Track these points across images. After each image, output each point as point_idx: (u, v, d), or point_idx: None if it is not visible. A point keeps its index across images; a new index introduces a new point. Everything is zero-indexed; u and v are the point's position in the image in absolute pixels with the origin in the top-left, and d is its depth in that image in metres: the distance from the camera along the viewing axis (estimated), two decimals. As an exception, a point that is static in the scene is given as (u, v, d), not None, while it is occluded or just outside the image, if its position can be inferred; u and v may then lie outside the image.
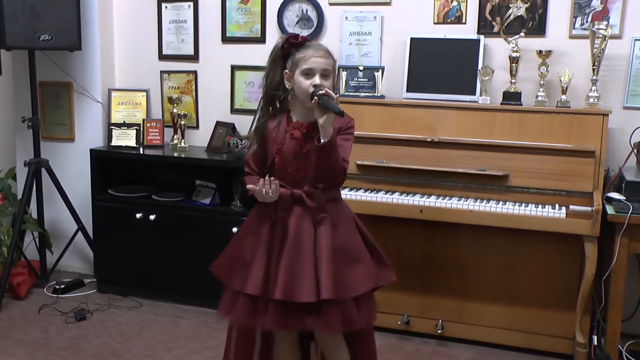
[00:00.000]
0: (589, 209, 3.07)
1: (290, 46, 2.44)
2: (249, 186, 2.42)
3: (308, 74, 2.39)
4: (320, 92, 2.31)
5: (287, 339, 2.60)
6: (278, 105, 2.48)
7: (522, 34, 3.55)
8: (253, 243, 2.47)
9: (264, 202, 2.42)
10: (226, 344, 2.73)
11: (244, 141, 3.86)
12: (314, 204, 2.42)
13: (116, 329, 3.71)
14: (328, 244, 2.39)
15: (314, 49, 2.42)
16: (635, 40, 3.49)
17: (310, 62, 2.39)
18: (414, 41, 3.79)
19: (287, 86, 2.47)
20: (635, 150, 3.37)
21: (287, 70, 2.45)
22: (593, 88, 3.43)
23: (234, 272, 2.49)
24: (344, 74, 3.80)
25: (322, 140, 2.32)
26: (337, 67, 2.53)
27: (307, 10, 4.06)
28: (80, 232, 4.32)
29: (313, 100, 2.31)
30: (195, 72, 4.38)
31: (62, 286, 4.19)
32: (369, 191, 3.46)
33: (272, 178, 2.38)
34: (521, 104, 3.52)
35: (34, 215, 4.33)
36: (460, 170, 3.38)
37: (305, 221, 2.41)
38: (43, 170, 4.25)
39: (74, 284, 4.28)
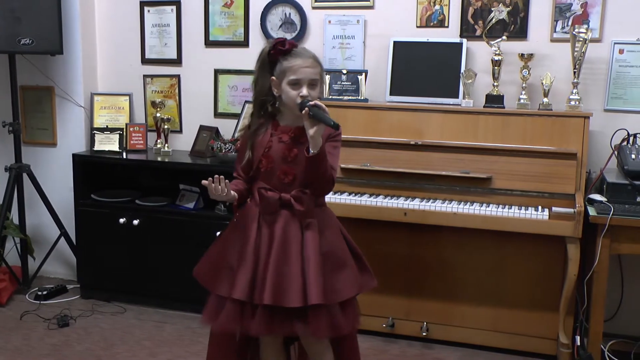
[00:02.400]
0: (572, 210, 3.10)
1: (277, 52, 2.42)
2: (203, 182, 2.37)
3: (295, 84, 2.37)
4: (310, 103, 2.30)
5: (273, 343, 2.60)
6: (269, 110, 2.48)
7: (504, 37, 3.58)
8: (239, 247, 2.45)
9: (217, 200, 2.43)
10: (209, 350, 2.71)
11: (227, 145, 3.85)
12: (302, 209, 2.41)
13: (100, 335, 3.68)
14: (316, 249, 2.38)
15: (302, 59, 2.39)
16: (615, 43, 3.54)
17: (298, 73, 2.37)
18: (397, 44, 3.81)
19: (274, 93, 2.46)
20: (616, 152, 3.41)
21: (274, 77, 2.43)
22: (574, 91, 3.47)
23: (218, 277, 2.47)
24: (327, 78, 3.80)
25: (311, 151, 2.31)
26: (324, 73, 2.51)
27: (290, 13, 4.06)
28: (62, 238, 4.29)
29: (303, 112, 2.29)
30: (178, 76, 4.37)
31: (45, 292, 4.15)
32: (353, 194, 3.46)
33: (221, 177, 2.36)
34: (504, 107, 3.55)
35: (16, 220, 4.29)
36: (444, 173, 3.40)
37: (292, 226, 2.41)
38: (25, 175, 4.22)
39: (56, 290, 4.24)
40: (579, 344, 3.27)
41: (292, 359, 2.78)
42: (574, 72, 3.46)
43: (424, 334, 3.53)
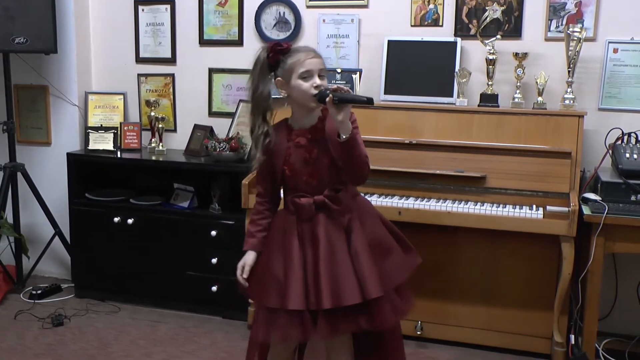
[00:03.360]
0: (566, 209, 3.10)
1: (276, 54, 2.38)
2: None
3: (306, 76, 2.34)
4: (332, 87, 2.28)
5: (284, 351, 2.55)
6: (268, 115, 2.44)
7: (498, 36, 3.58)
8: (282, 258, 2.39)
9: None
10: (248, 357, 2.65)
11: (222, 144, 3.84)
12: (339, 207, 2.38)
13: (94, 334, 3.67)
14: (363, 242, 2.37)
15: (305, 52, 2.37)
16: (609, 42, 3.54)
17: (307, 64, 2.33)
18: (392, 44, 3.81)
19: (280, 94, 2.42)
20: (610, 151, 3.41)
21: (279, 78, 2.39)
22: (568, 90, 3.47)
23: (267, 290, 2.39)
24: (322, 77, 3.79)
25: (343, 137, 2.26)
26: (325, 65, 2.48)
27: (284, 13, 4.06)
28: (57, 237, 4.28)
29: (327, 100, 2.25)
30: (172, 75, 4.36)
31: (39, 292, 4.14)
32: (348, 193, 3.45)
33: (242, 276, 2.47)
34: (498, 106, 3.55)
35: (10, 220, 4.28)
36: (438, 172, 3.40)
37: (333, 226, 2.38)
38: (19, 174, 4.21)
39: (50, 289, 4.23)
40: (573, 342, 3.27)
41: None
42: (569, 71, 3.46)
43: (418, 332, 3.53)
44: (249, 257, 2.49)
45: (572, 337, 3.29)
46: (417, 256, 2.57)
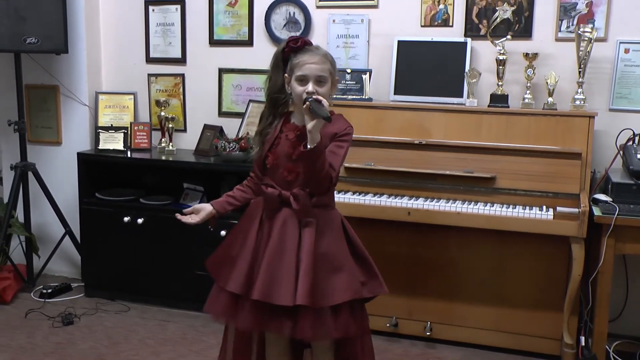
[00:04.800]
0: (576, 210, 3.09)
1: (290, 50, 2.42)
2: (177, 215, 2.61)
3: (302, 80, 2.37)
4: (313, 97, 2.29)
5: (277, 342, 2.58)
6: (280, 108, 2.49)
7: (508, 36, 3.57)
8: (241, 241, 2.48)
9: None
10: (222, 345, 2.72)
11: (231, 144, 3.85)
12: (297, 207, 2.40)
13: (103, 333, 3.68)
14: (310, 249, 2.36)
15: (309, 55, 2.39)
16: (620, 43, 3.52)
17: (304, 69, 2.36)
18: (401, 44, 3.80)
19: (287, 90, 2.46)
20: (621, 152, 3.39)
21: (286, 75, 2.44)
22: (579, 90, 3.45)
23: (222, 268, 2.51)
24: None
25: (308, 146, 2.28)
26: (336, 71, 2.47)
27: (294, 13, 4.06)
28: (67, 236, 4.30)
29: (304, 106, 2.29)
30: (182, 75, 4.37)
31: (49, 290, 4.16)
32: (357, 194, 3.46)
33: (185, 211, 2.58)
34: (508, 106, 3.54)
35: (21, 219, 4.30)
36: (447, 172, 3.39)
37: (290, 224, 2.40)
38: (30, 173, 4.23)
39: (60, 288, 4.25)
40: (583, 344, 3.25)
41: None
42: (579, 72, 3.45)
43: (427, 333, 3.53)
44: (202, 204, 2.63)
45: (582, 338, 3.28)
46: (382, 286, 2.52)
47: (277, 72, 2.47)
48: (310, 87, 2.35)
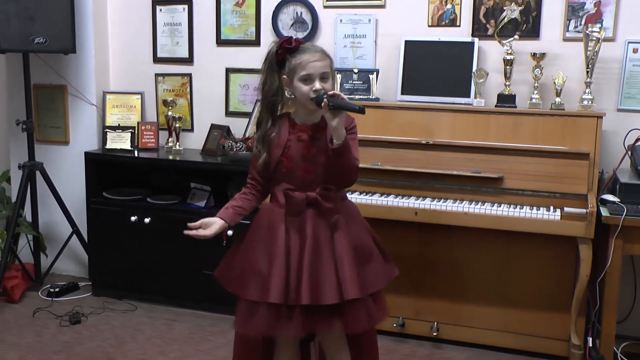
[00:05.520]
0: (584, 211, 3.07)
1: (284, 52, 2.40)
2: (185, 232, 2.49)
3: (307, 79, 2.36)
4: (329, 93, 2.29)
5: (292, 344, 2.57)
6: (278, 110, 2.48)
7: (516, 36, 3.56)
8: (266, 251, 2.40)
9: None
10: (234, 351, 2.69)
11: (238, 144, 3.85)
12: (331, 205, 2.41)
13: (111, 333, 3.69)
14: (347, 244, 2.40)
15: (309, 53, 2.38)
16: (629, 42, 3.51)
17: (308, 68, 2.35)
18: (409, 44, 3.80)
19: (286, 92, 2.45)
20: (629, 152, 3.38)
21: (285, 77, 2.42)
22: (587, 90, 3.44)
23: (247, 282, 2.41)
24: (338, 77, 3.79)
25: (335, 143, 2.30)
26: (334, 66, 2.50)
27: (301, 12, 4.06)
28: (74, 235, 4.31)
29: (322, 104, 2.28)
30: (190, 75, 4.38)
31: (57, 289, 4.18)
32: (364, 194, 3.45)
33: (196, 224, 2.45)
34: (515, 107, 3.53)
35: (29, 218, 4.32)
36: (454, 172, 3.38)
37: (320, 224, 2.40)
38: (37, 173, 4.24)
39: (68, 287, 4.27)
40: (591, 345, 3.24)
41: (312, 358, 2.77)
42: (587, 72, 3.43)
43: (434, 333, 3.52)
44: (211, 218, 2.49)
45: (590, 339, 3.27)
46: (395, 267, 2.61)
47: (272, 75, 2.43)
48: (317, 84, 2.35)
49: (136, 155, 4.19)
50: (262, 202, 2.58)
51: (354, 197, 3.40)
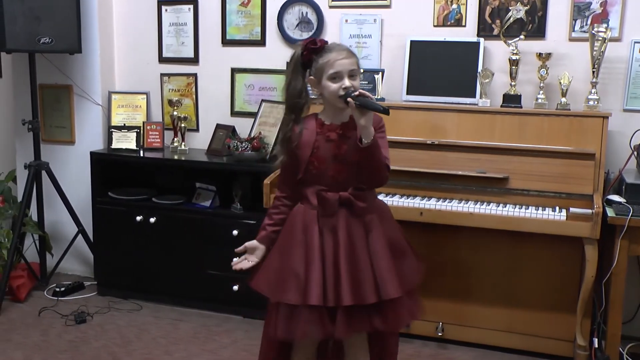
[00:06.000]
0: (589, 211, 3.07)
1: (309, 52, 2.40)
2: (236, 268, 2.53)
3: (335, 77, 2.36)
4: (355, 93, 2.29)
5: (311, 346, 2.56)
6: (301, 112, 2.46)
7: (521, 36, 3.55)
8: (301, 253, 2.39)
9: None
10: (261, 352, 2.68)
11: (244, 144, 3.86)
12: (365, 205, 2.41)
13: (116, 332, 3.70)
14: (382, 242, 2.40)
15: (336, 52, 2.38)
16: (635, 42, 3.50)
17: (336, 66, 2.35)
18: (414, 44, 3.79)
19: (312, 93, 2.45)
20: (635, 153, 3.37)
21: (312, 77, 2.42)
22: (593, 90, 3.43)
23: (285, 285, 2.38)
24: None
25: (364, 141, 2.30)
26: (360, 64, 2.48)
27: (307, 13, 4.06)
28: (80, 235, 4.32)
29: (349, 102, 2.28)
30: (195, 75, 4.39)
31: (62, 289, 4.19)
32: (369, 194, 3.45)
33: (242, 254, 2.53)
34: (521, 107, 3.52)
35: (34, 217, 4.33)
36: (460, 172, 3.38)
37: (354, 224, 2.40)
38: (43, 172, 4.25)
39: (73, 286, 4.28)
40: (596, 346, 3.24)
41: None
42: (593, 72, 3.43)
43: (439, 334, 3.52)
44: (254, 242, 2.55)
45: (595, 340, 3.26)
46: (421, 263, 2.61)
47: (297, 76, 2.43)
48: (347, 82, 2.34)
49: (141, 155, 4.20)
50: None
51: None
